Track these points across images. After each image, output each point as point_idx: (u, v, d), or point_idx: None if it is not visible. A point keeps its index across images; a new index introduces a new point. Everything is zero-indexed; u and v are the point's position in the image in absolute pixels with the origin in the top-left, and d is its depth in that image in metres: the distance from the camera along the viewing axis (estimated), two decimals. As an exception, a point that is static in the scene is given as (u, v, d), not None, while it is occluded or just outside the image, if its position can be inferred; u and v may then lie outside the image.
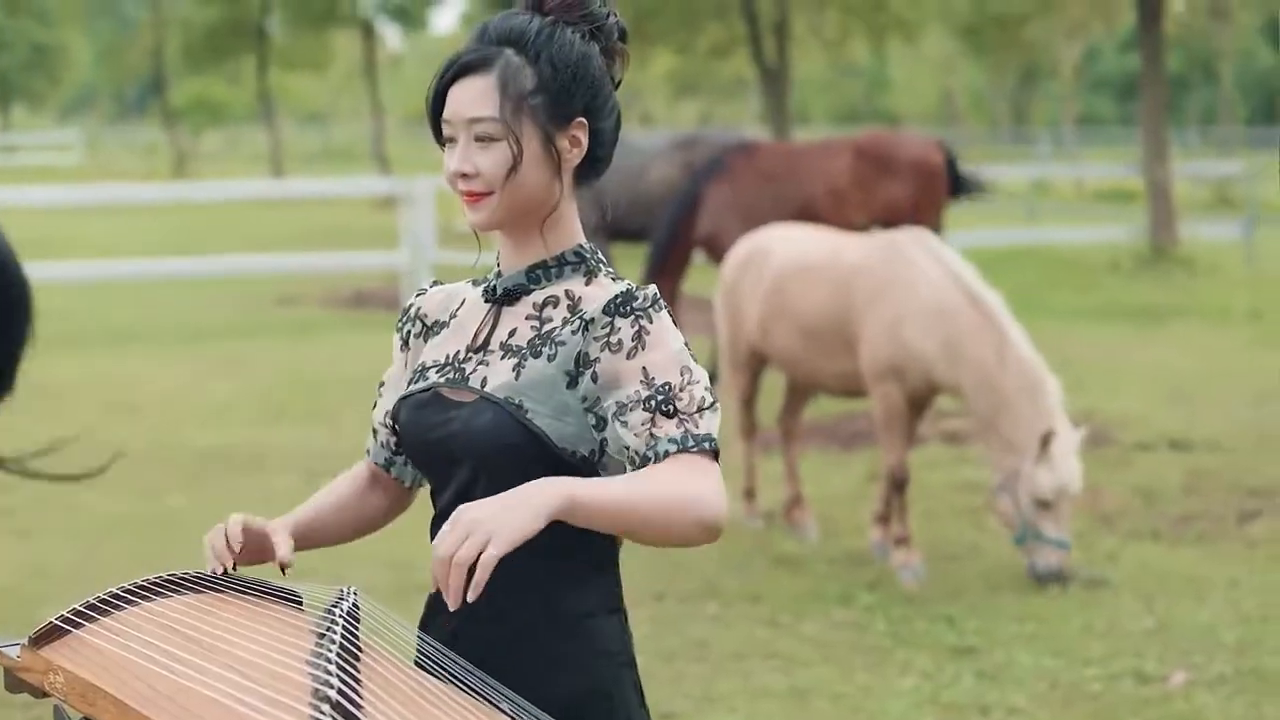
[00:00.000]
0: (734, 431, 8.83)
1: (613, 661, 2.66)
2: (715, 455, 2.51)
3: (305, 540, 2.75)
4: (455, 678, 2.38)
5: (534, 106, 2.59)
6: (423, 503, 2.78)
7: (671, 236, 12.15)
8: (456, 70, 2.61)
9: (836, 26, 28.95)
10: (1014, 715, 6.03)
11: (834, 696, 6.22)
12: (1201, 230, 23.60)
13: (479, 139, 2.59)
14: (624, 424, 2.52)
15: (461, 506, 2.31)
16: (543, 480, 2.34)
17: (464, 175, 2.61)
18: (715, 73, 51.67)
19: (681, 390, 2.51)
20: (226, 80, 53.91)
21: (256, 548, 2.65)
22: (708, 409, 2.52)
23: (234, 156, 62.75)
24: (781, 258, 8.32)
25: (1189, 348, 14.86)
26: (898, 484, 7.82)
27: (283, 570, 2.66)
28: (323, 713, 2.08)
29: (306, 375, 13.49)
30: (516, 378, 2.59)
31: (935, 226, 11.66)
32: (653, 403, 2.50)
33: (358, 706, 2.13)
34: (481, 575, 2.24)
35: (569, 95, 2.61)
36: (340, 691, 2.13)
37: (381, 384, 2.89)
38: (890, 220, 11.45)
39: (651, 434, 2.49)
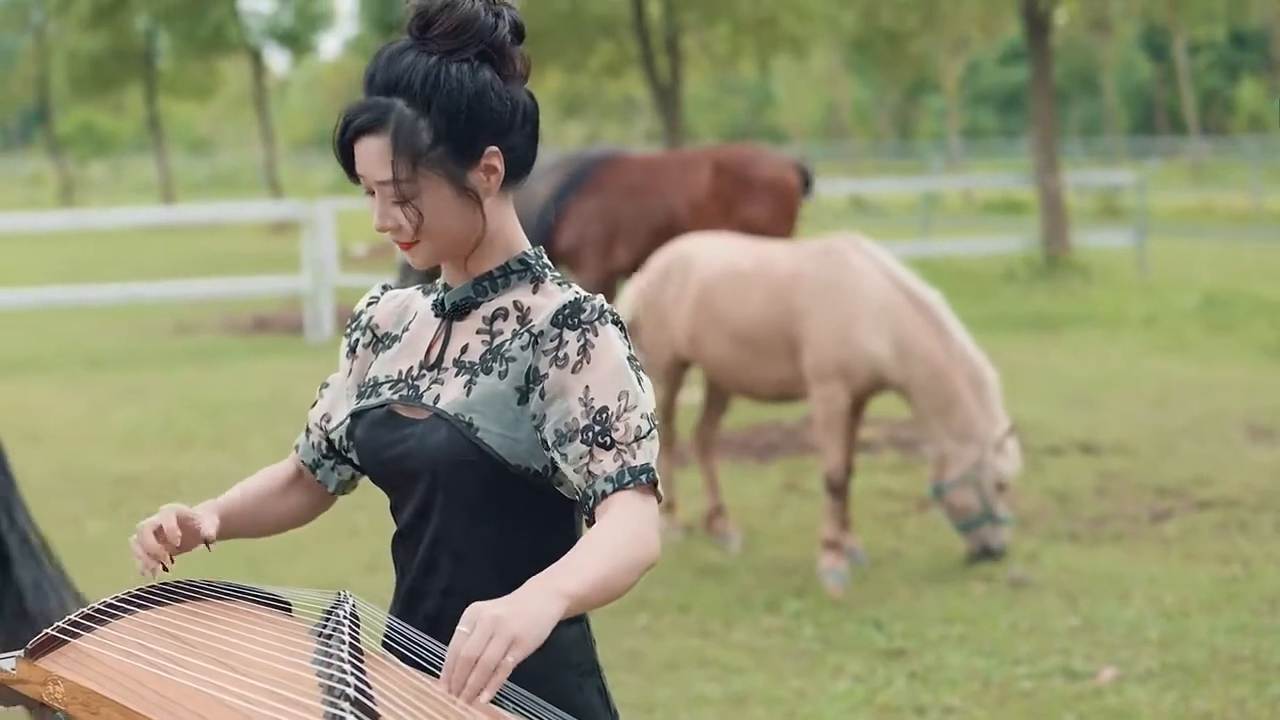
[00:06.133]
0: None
1: (576, 670, 2.68)
2: (654, 485, 2.51)
3: (227, 525, 2.76)
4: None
5: (435, 160, 2.56)
6: (347, 526, 2.77)
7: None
8: (353, 132, 2.59)
9: (727, 43, 29.06)
10: (950, 715, 6.09)
11: (770, 701, 6.26)
12: (1092, 239, 23.89)
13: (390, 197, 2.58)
14: (564, 457, 2.52)
15: (475, 605, 2.27)
16: (535, 587, 2.31)
17: (387, 229, 2.61)
18: (603, 92, 51.75)
19: (618, 419, 2.51)
20: (112, 109, 53.36)
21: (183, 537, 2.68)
22: (645, 437, 2.53)
23: (121, 186, 62.15)
24: (707, 267, 8.35)
25: (1087, 354, 15.05)
26: (835, 488, 7.88)
27: (207, 546, 2.67)
28: (343, 710, 2.09)
29: (211, 402, 13.38)
30: (468, 394, 2.59)
31: None
32: (590, 434, 2.50)
33: (374, 702, 2.14)
34: (501, 677, 2.22)
35: (470, 137, 2.57)
36: (357, 688, 2.13)
37: (325, 385, 2.89)
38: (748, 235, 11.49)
39: (589, 470, 2.50)
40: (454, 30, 2.56)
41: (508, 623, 2.23)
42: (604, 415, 2.50)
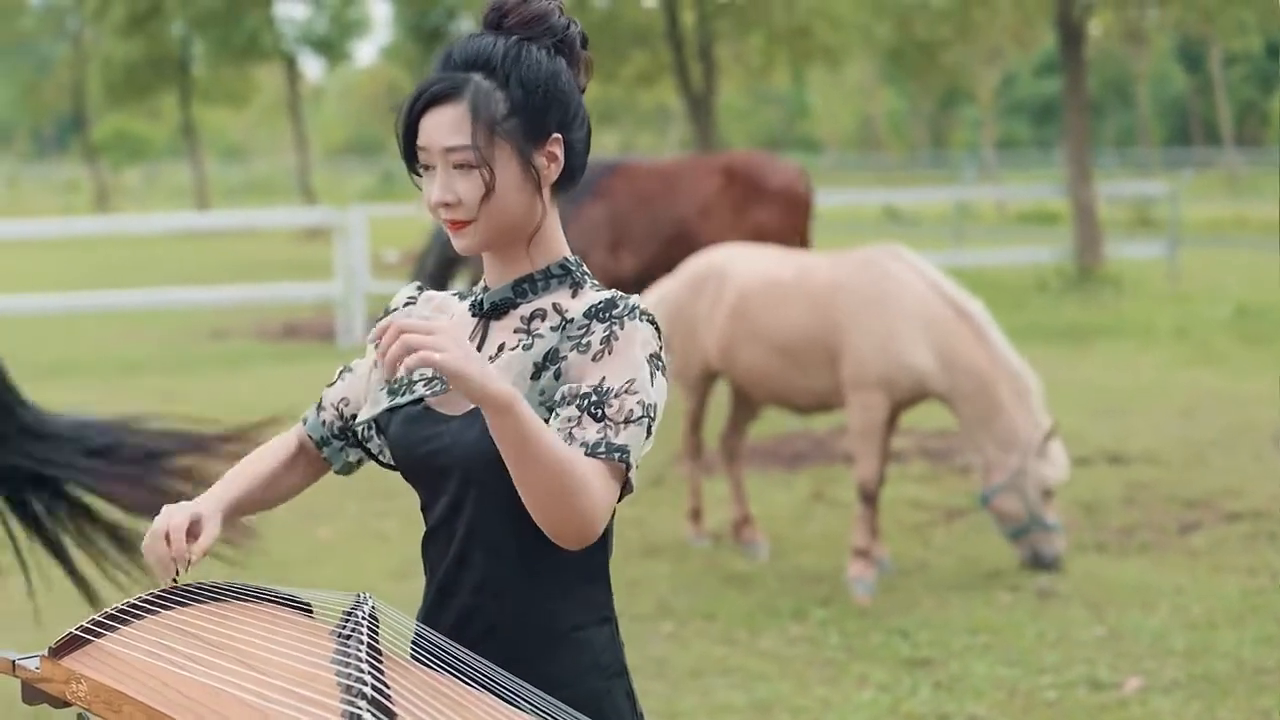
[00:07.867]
0: (681, 452, 8.90)
1: (604, 673, 2.69)
2: (626, 469, 2.52)
3: (235, 514, 2.77)
4: (482, 676, 2.40)
5: (508, 130, 2.60)
6: (375, 531, 2.80)
7: None
8: (427, 100, 2.62)
9: (761, 53, 29.06)
10: (974, 724, 6.10)
11: (794, 710, 6.27)
12: (1124, 250, 23.85)
13: (457, 166, 2.60)
14: (556, 415, 2.55)
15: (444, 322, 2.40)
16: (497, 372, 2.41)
17: (446, 204, 2.62)
18: (637, 102, 51.81)
19: (616, 397, 2.52)
20: (147, 116, 53.60)
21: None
22: (634, 421, 2.53)
23: (155, 192, 62.40)
24: (742, 277, 8.35)
25: (1118, 365, 15.02)
26: (868, 497, 7.89)
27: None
28: (360, 709, 2.11)
29: (242, 407, 13.39)
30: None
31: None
32: (586, 401, 2.52)
33: (391, 701, 2.16)
34: (412, 362, 2.33)
35: (542, 114, 2.63)
36: (374, 688, 2.16)
37: (347, 369, 2.91)
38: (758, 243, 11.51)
39: (571, 434, 2.51)
40: (529, 21, 2.64)
41: (448, 340, 2.34)
42: (606, 391, 2.53)
